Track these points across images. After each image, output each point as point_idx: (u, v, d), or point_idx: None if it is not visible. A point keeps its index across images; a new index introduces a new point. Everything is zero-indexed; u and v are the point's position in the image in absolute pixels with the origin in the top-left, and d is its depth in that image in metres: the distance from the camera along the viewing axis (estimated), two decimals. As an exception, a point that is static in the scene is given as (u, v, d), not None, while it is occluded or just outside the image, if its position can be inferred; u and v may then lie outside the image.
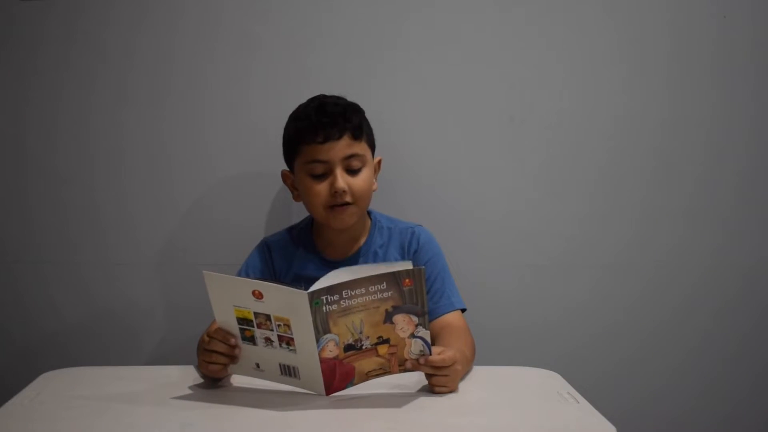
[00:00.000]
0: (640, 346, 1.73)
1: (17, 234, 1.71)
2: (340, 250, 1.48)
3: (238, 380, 1.27)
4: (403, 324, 1.15)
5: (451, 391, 1.20)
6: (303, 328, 1.13)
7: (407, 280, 1.13)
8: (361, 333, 1.15)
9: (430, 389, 1.20)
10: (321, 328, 1.13)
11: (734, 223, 1.71)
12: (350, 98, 1.48)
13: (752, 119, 1.70)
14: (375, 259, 1.48)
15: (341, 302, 1.12)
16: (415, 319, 1.15)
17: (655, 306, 1.73)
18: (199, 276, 1.16)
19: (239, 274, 1.48)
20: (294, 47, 1.67)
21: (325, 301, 1.12)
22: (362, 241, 1.49)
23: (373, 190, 1.46)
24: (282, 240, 1.52)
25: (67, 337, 1.71)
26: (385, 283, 1.13)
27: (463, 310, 1.45)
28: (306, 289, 1.11)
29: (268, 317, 1.15)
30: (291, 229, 1.54)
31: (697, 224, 1.71)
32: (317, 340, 1.13)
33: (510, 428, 1.09)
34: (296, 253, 1.49)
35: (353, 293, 1.13)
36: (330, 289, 1.12)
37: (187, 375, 1.29)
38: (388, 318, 1.15)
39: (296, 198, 1.47)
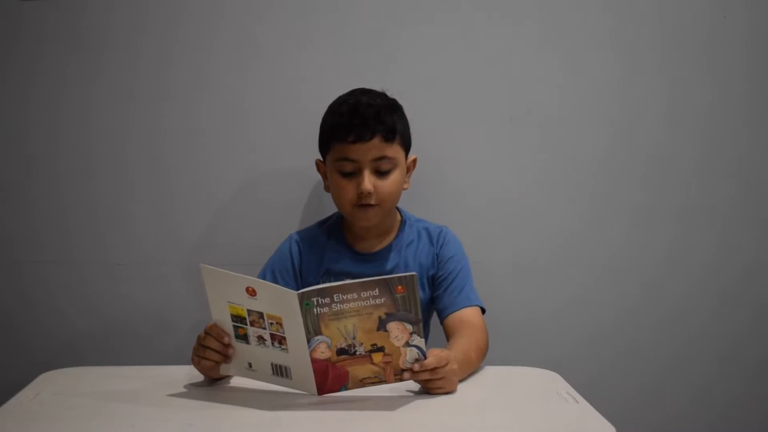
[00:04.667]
0: (637, 345, 1.73)
1: (19, 233, 1.71)
2: (371, 243, 1.50)
3: (237, 380, 1.27)
4: (398, 332, 1.14)
5: (449, 392, 1.19)
6: (294, 328, 1.13)
7: (399, 287, 1.12)
8: (354, 338, 1.14)
9: (427, 391, 1.19)
10: (312, 329, 1.13)
11: (731, 222, 1.72)
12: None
13: (750, 119, 1.70)
14: (406, 252, 1.49)
15: (332, 305, 1.12)
16: (409, 327, 1.14)
17: (651, 305, 1.73)
18: (200, 276, 1.16)
19: (265, 270, 1.50)
20: (295, 48, 1.67)
21: (315, 303, 1.11)
22: (393, 235, 1.51)
23: (405, 189, 1.48)
24: (312, 233, 1.54)
25: (68, 337, 1.71)
26: (377, 289, 1.12)
27: (483, 311, 1.45)
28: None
29: (261, 315, 1.15)
30: (322, 223, 1.56)
31: (694, 224, 1.71)
32: (308, 341, 1.13)
33: (510, 428, 1.09)
34: (327, 245, 1.51)
35: (344, 297, 1.12)
36: (321, 291, 1.11)
37: (187, 374, 1.29)
38: (382, 325, 1.13)
39: (327, 188, 1.49)
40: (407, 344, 1.14)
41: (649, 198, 1.71)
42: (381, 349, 1.15)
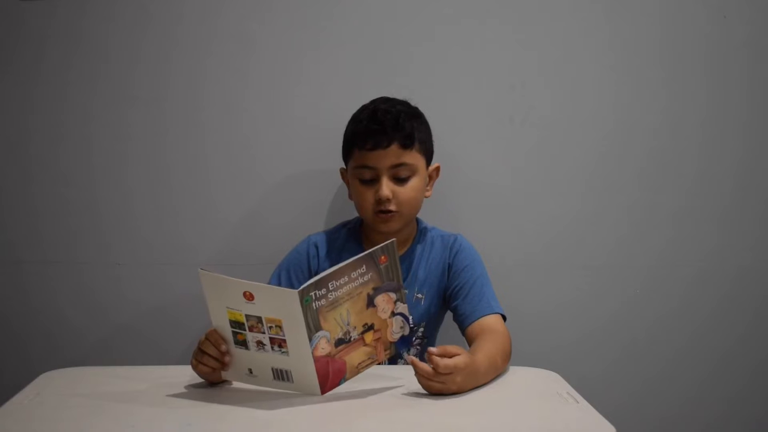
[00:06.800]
0: (637, 345, 1.74)
1: (21, 234, 1.71)
2: None
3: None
4: (384, 304, 1.18)
5: (444, 394, 1.18)
6: (295, 328, 1.13)
7: (383, 257, 1.16)
8: (348, 324, 1.16)
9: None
10: (312, 326, 1.13)
11: (728, 224, 1.72)
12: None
13: (748, 120, 1.71)
14: (418, 262, 1.49)
15: (329, 295, 1.13)
16: (393, 295, 1.18)
17: (651, 305, 1.73)
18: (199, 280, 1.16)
19: (279, 271, 1.50)
20: (295, 48, 1.67)
21: (314, 297, 1.12)
22: (407, 246, 1.51)
23: (426, 197, 1.49)
24: (332, 237, 1.55)
25: (68, 337, 1.71)
26: (364, 266, 1.15)
27: (504, 319, 1.43)
28: None
29: (259, 320, 1.14)
30: (343, 226, 1.57)
31: (691, 225, 1.72)
32: (310, 339, 1.13)
33: (509, 428, 1.09)
34: (344, 249, 1.51)
35: (338, 283, 1.14)
36: (317, 284, 1.13)
37: (187, 375, 1.28)
38: (370, 302, 1.17)
39: (350, 196, 1.50)
40: (393, 314, 1.18)
41: (649, 198, 1.71)
42: (371, 327, 1.18)
